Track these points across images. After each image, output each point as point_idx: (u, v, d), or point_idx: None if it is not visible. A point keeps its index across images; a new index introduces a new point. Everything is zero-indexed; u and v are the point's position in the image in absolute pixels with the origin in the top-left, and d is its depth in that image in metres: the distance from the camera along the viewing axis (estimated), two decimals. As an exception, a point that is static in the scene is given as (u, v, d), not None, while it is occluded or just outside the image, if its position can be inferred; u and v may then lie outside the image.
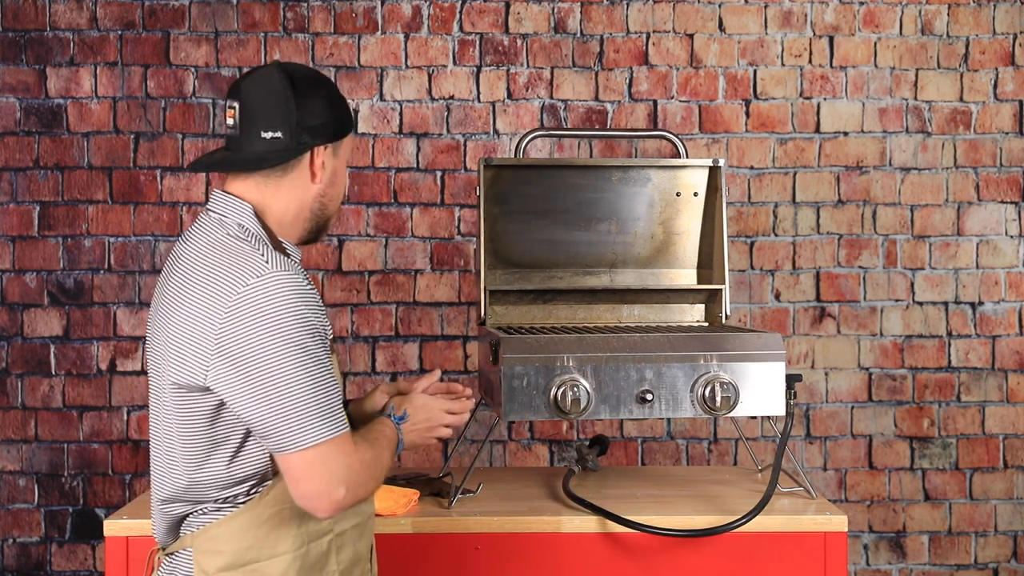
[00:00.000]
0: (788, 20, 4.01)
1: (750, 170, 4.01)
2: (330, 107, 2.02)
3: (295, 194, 2.01)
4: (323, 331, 1.90)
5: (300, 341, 1.84)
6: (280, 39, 3.96)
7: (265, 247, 1.92)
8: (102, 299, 3.94)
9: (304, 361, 1.84)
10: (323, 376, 1.86)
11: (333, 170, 2.05)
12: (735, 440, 4.01)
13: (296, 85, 1.99)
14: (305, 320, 1.85)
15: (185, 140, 3.95)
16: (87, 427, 3.94)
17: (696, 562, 2.57)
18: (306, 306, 1.86)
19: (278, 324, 1.83)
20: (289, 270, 1.88)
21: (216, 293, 1.86)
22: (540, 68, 3.99)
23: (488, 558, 2.57)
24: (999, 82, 4.03)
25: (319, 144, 2.00)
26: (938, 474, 4.03)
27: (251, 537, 1.94)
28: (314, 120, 1.99)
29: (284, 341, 1.83)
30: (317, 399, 1.84)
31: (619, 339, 2.62)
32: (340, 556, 2.03)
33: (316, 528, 1.99)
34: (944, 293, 4.03)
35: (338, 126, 2.04)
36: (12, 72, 3.94)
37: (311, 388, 1.84)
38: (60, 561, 3.94)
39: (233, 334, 1.84)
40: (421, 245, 3.97)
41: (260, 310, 1.83)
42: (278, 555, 1.96)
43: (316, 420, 1.84)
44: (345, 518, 2.04)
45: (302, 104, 1.98)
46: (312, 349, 1.85)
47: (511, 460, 3.99)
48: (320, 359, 1.86)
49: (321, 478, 1.85)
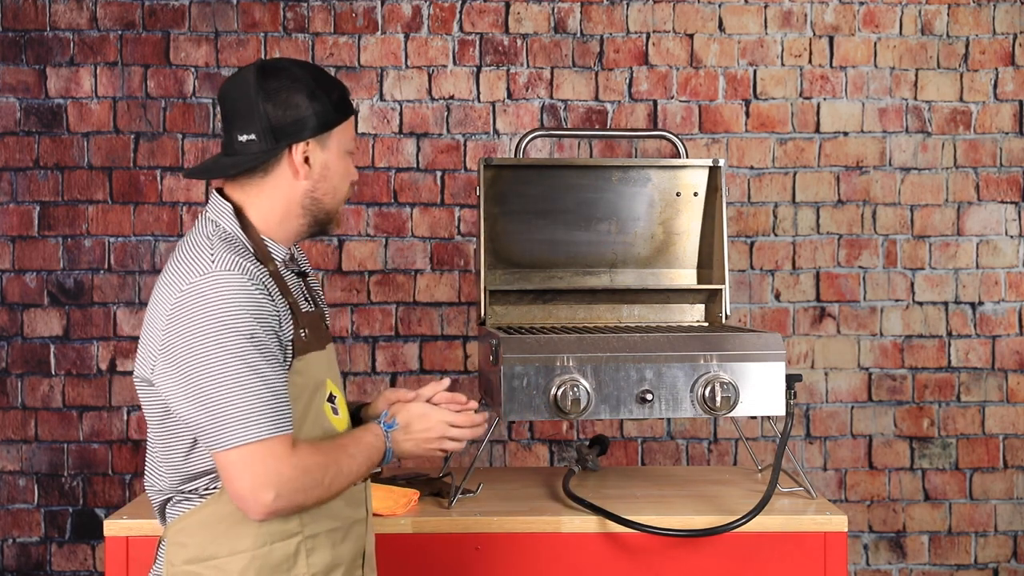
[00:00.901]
0: (788, 20, 4.01)
1: (750, 170, 4.01)
2: (309, 101, 1.96)
3: (279, 193, 1.99)
4: (263, 334, 1.86)
5: (232, 342, 1.83)
6: (280, 39, 3.96)
7: (225, 247, 1.91)
8: (102, 299, 3.94)
9: (234, 362, 1.83)
10: (253, 378, 1.83)
11: (323, 163, 2.00)
12: (735, 440, 4.01)
13: (266, 85, 1.95)
14: (240, 321, 1.84)
15: (185, 140, 3.95)
16: (87, 427, 3.94)
17: (696, 562, 2.57)
18: (244, 308, 1.85)
19: (211, 324, 1.84)
20: (234, 271, 1.86)
21: (168, 291, 1.89)
22: (540, 68, 3.99)
23: (488, 558, 2.57)
24: (999, 82, 4.03)
25: (297, 141, 1.97)
26: (938, 474, 4.03)
27: (212, 532, 1.94)
28: (288, 118, 1.95)
29: (215, 341, 1.83)
30: (245, 401, 1.83)
31: (619, 339, 2.62)
32: (311, 559, 1.98)
33: (282, 528, 1.95)
34: (944, 293, 4.03)
35: (322, 119, 1.98)
36: (12, 72, 3.94)
37: (239, 389, 1.83)
38: (60, 561, 3.94)
39: (173, 331, 1.86)
40: (421, 245, 3.97)
41: (196, 308, 1.84)
42: (237, 552, 1.93)
43: (242, 421, 1.82)
44: (317, 520, 1.98)
45: (273, 103, 1.94)
46: (244, 351, 1.83)
47: (511, 460, 3.99)
48: (251, 362, 1.83)
49: (245, 480, 1.83)
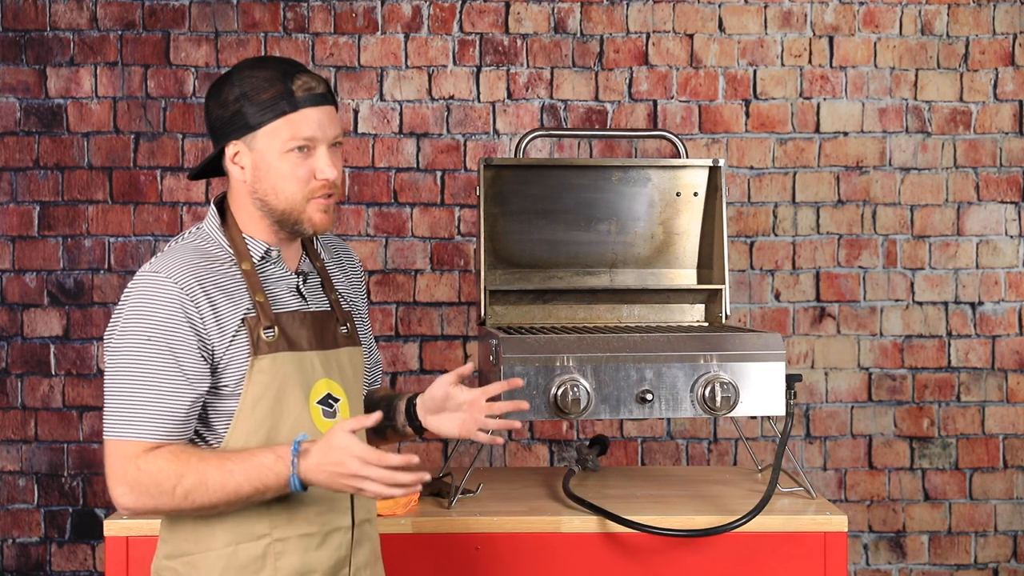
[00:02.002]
0: (788, 20, 4.01)
1: (750, 170, 4.01)
2: (238, 99, 1.92)
3: (238, 193, 2.02)
4: (166, 340, 1.89)
5: (134, 341, 1.90)
6: (280, 39, 3.96)
7: (174, 250, 1.98)
8: (102, 299, 3.94)
9: (128, 361, 1.90)
10: (133, 380, 1.90)
11: (253, 164, 1.95)
12: (735, 440, 4.01)
13: (217, 87, 1.98)
14: (147, 323, 1.90)
15: (185, 140, 3.95)
16: (87, 427, 3.94)
17: (696, 562, 2.57)
18: (159, 312, 1.90)
19: (122, 321, 1.93)
20: (161, 273, 1.91)
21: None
22: (540, 68, 3.99)
23: (488, 558, 2.57)
24: (999, 82, 4.03)
25: (226, 141, 1.97)
26: (938, 474, 4.03)
27: (185, 530, 1.97)
28: (216, 120, 1.98)
29: (121, 338, 1.92)
30: (124, 398, 1.90)
31: (619, 339, 2.62)
32: (280, 563, 1.95)
33: (250, 529, 1.94)
34: (944, 293, 4.02)
35: (244, 119, 1.92)
36: (12, 72, 3.94)
37: (119, 387, 1.91)
38: (60, 561, 3.94)
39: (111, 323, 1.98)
40: (421, 245, 3.97)
41: (123, 306, 1.95)
42: (207, 550, 1.96)
43: (115, 417, 1.90)
44: (291, 523, 1.96)
45: (213, 104, 1.98)
46: (142, 352, 1.89)
47: (511, 460, 3.99)
48: (138, 363, 1.89)
49: (105, 470, 1.92)
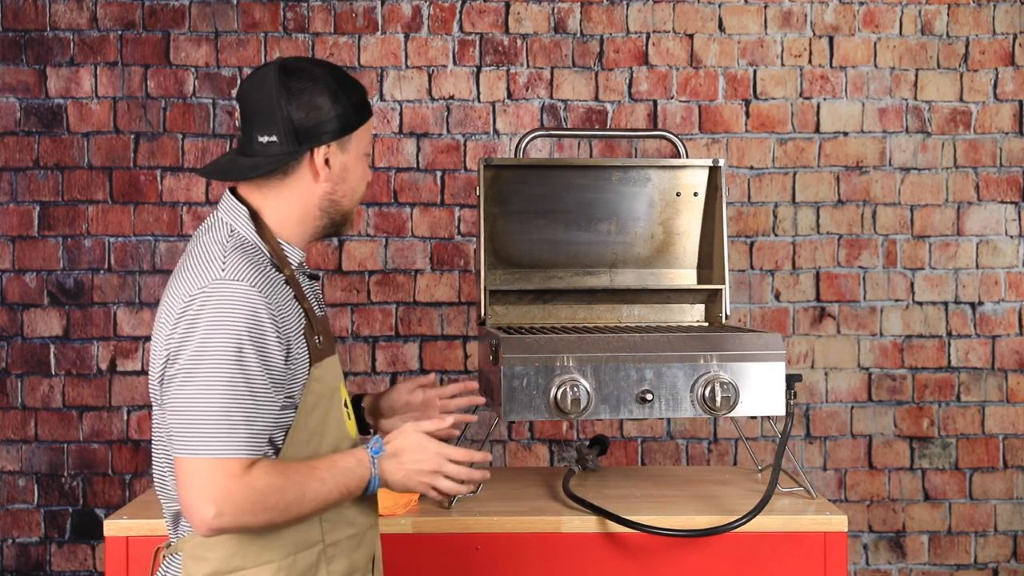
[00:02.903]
0: (788, 20, 4.01)
1: (750, 170, 4.01)
2: (332, 103, 1.92)
3: (298, 196, 1.96)
4: (261, 348, 1.83)
5: (225, 354, 1.80)
6: (280, 39, 3.96)
7: (238, 253, 1.88)
8: (102, 299, 3.94)
9: (220, 375, 1.80)
10: (236, 394, 1.80)
11: (343, 166, 1.97)
12: (735, 440, 4.01)
13: (289, 85, 1.91)
14: (239, 334, 1.81)
15: (185, 140, 3.95)
16: (87, 427, 3.94)
17: (696, 562, 2.57)
18: (244, 320, 1.81)
19: (209, 333, 1.81)
20: (243, 280, 1.83)
21: (178, 296, 1.87)
22: (540, 68, 3.99)
23: (488, 558, 2.57)
24: (999, 82, 4.03)
25: (318, 145, 1.93)
26: (938, 474, 4.03)
27: (236, 544, 1.90)
28: (311, 121, 1.91)
29: (208, 350, 1.80)
30: (219, 414, 1.80)
31: (619, 339, 2.62)
32: (331, 567, 1.97)
33: (305, 537, 1.94)
34: (944, 293, 4.03)
35: (344, 121, 1.94)
36: (12, 72, 3.94)
37: (215, 402, 1.80)
38: (60, 561, 3.94)
39: (176, 335, 1.83)
40: (421, 245, 3.97)
41: (198, 316, 1.82)
42: (263, 563, 1.90)
43: (208, 434, 1.79)
44: (337, 528, 1.97)
45: (296, 105, 1.90)
46: (234, 366, 1.80)
47: (511, 460, 3.99)
48: (240, 377, 1.80)
49: (190, 491, 1.80)
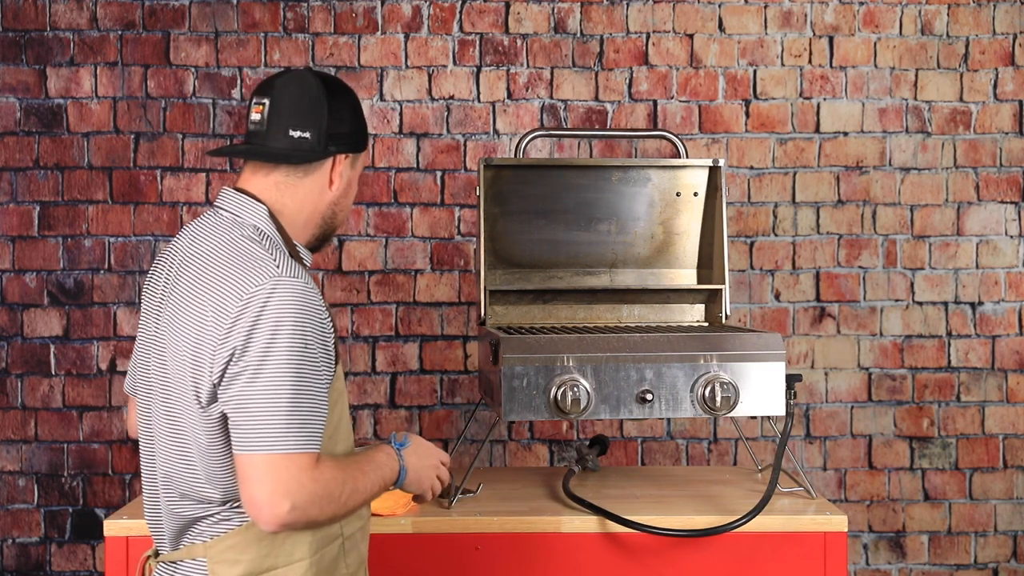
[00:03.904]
0: (788, 20, 4.01)
1: (750, 170, 4.01)
2: (355, 118, 2.08)
3: (311, 198, 2.05)
4: (323, 345, 1.89)
5: (293, 351, 1.84)
6: (280, 39, 3.96)
7: (279, 252, 1.94)
8: (102, 299, 3.94)
9: (290, 372, 1.84)
10: (304, 390, 1.85)
11: (349, 180, 2.10)
12: (735, 440, 4.01)
13: (333, 91, 2.04)
14: (305, 332, 1.86)
15: (185, 140, 3.95)
16: (87, 427, 3.94)
17: (696, 562, 2.57)
18: (309, 318, 1.87)
19: (277, 330, 1.84)
20: (299, 277, 1.89)
21: (228, 295, 1.88)
22: (540, 68, 3.99)
23: (488, 558, 2.57)
24: (999, 82, 4.03)
25: (342, 152, 2.06)
26: (938, 474, 4.03)
27: (268, 544, 1.96)
28: (342, 128, 2.04)
29: (277, 348, 1.84)
30: (290, 410, 1.83)
31: (619, 339, 2.62)
32: (348, 559, 2.07)
33: (327, 532, 2.02)
34: (944, 293, 4.03)
35: (360, 138, 2.10)
36: (12, 72, 3.94)
37: (286, 399, 1.83)
38: (60, 561, 3.94)
39: (236, 333, 1.85)
40: (421, 245, 3.97)
41: (264, 314, 1.84)
42: (295, 561, 1.97)
43: (281, 429, 1.82)
44: (351, 521, 2.06)
45: (334, 110, 2.03)
46: (302, 362, 1.85)
47: (511, 460, 3.99)
48: (306, 373, 1.85)
49: (266, 486, 1.82)
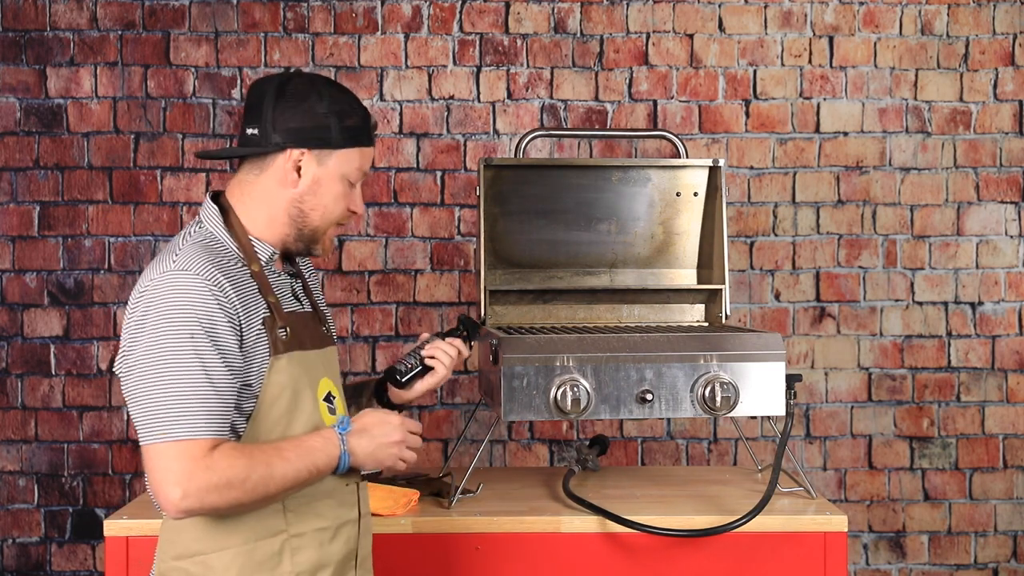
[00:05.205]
0: (788, 20, 4.01)
1: (750, 170, 4.01)
2: (322, 115, 2.03)
3: (268, 194, 2.05)
4: (215, 333, 1.88)
5: (169, 341, 1.86)
6: (280, 39, 3.96)
7: (192, 248, 1.95)
8: (102, 299, 3.94)
9: (165, 361, 1.86)
10: (181, 378, 1.85)
11: (316, 179, 2.04)
12: (735, 440, 4.01)
13: (286, 87, 2.03)
14: (183, 322, 1.87)
15: (185, 140, 3.95)
16: (87, 427, 3.94)
17: (696, 562, 2.57)
18: (191, 308, 1.88)
19: (155, 321, 1.88)
20: (189, 271, 1.90)
21: (136, 289, 1.95)
22: (540, 68, 3.99)
23: (488, 558, 2.57)
24: (999, 82, 4.03)
25: (294, 147, 2.02)
26: (938, 474, 4.03)
27: (201, 528, 1.96)
28: (293, 123, 2.01)
29: (153, 339, 1.87)
30: (169, 400, 1.85)
31: (619, 339, 2.62)
32: (297, 559, 1.99)
33: (265, 525, 1.97)
34: (944, 293, 4.03)
35: (325, 134, 2.03)
36: (12, 72, 3.94)
37: (166, 388, 1.85)
38: (60, 561, 3.94)
39: (126, 327, 1.92)
40: (421, 245, 3.97)
41: (147, 305, 1.90)
42: (221, 549, 1.96)
43: (162, 419, 1.85)
44: (304, 519, 2.00)
45: (283, 105, 2.02)
46: (179, 351, 1.86)
47: (511, 460, 3.99)
48: (190, 362, 1.86)
49: (156, 475, 1.86)
